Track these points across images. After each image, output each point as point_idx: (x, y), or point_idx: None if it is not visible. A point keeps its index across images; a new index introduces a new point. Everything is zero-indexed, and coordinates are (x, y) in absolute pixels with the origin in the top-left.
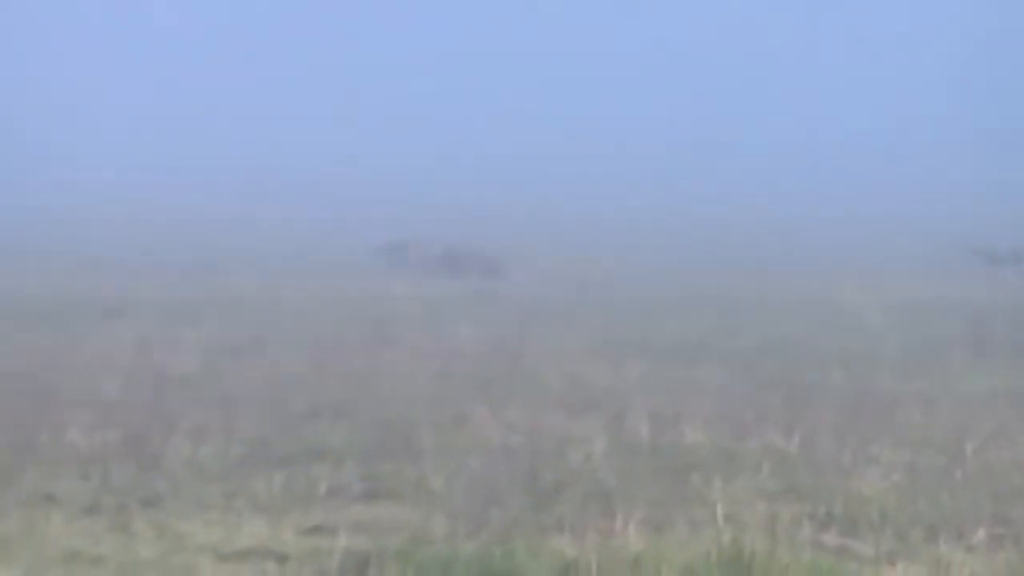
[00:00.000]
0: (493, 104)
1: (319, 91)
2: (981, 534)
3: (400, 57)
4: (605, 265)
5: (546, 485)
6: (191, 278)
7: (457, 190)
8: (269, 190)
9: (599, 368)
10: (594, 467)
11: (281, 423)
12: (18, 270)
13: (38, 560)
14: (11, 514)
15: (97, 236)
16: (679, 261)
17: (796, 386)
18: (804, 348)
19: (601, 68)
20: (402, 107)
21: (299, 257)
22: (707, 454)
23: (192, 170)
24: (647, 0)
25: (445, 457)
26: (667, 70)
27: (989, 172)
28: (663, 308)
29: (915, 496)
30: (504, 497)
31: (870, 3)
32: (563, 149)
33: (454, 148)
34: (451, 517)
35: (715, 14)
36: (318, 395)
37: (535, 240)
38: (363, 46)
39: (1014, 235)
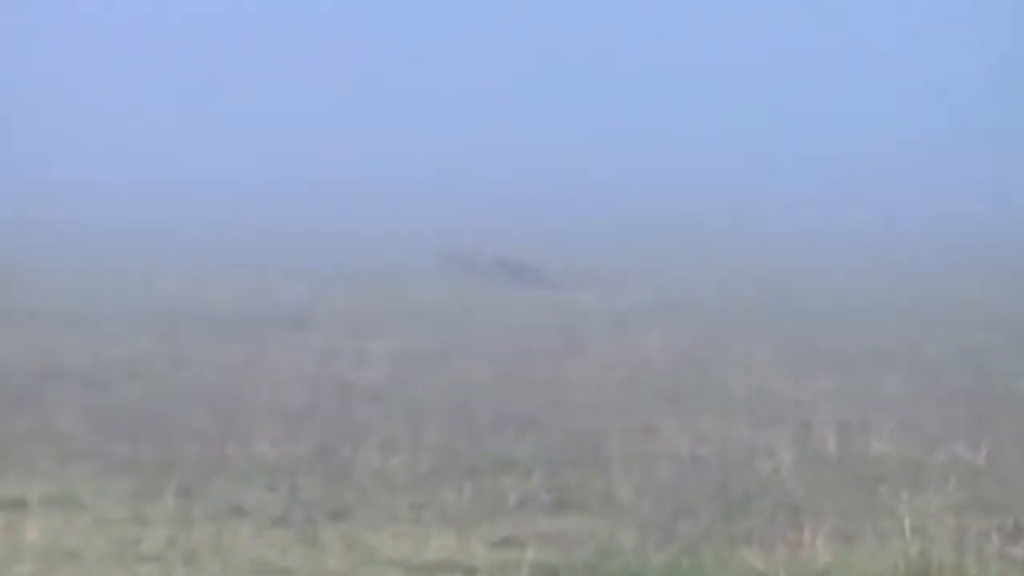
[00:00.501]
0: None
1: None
2: None
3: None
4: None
5: (734, 496)
6: (373, 288)
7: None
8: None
9: (785, 378)
10: (782, 478)
11: (468, 434)
12: (201, 282)
13: (226, 572)
14: (200, 526)
15: (280, 246)
16: (855, 268)
17: (984, 397)
18: (993, 358)
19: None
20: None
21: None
22: (894, 466)
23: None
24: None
25: (633, 468)
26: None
27: None
28: (846, 317)
29: None
30: (692, 508)
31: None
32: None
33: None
34: (639, 528)
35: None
36: (505, 405)
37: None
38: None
39: None
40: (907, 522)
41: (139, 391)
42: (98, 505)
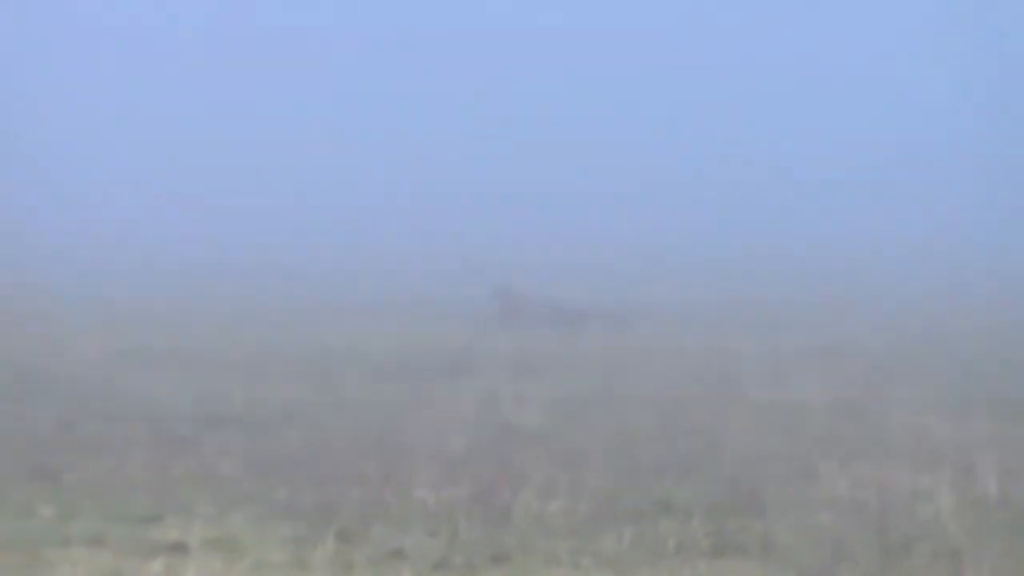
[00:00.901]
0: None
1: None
2: None
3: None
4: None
5: (894, 541)
6: (533, 331)
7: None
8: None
9: (944, 421)
10: (942, 523)
11: (628, 478)
12: (359, 325)
13: None
14: (360, 570)
15: (437, 286)
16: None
17: None
18: None
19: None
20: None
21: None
22: None
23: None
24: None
25: (792, 513)
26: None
27: None
28: (1004, 357)
29: None
30: (852, 553)
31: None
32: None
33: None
34: (799, 574)
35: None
36: (664, 449)
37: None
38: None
39: None
40: None
41: (299, 435)
42: (258, 549)
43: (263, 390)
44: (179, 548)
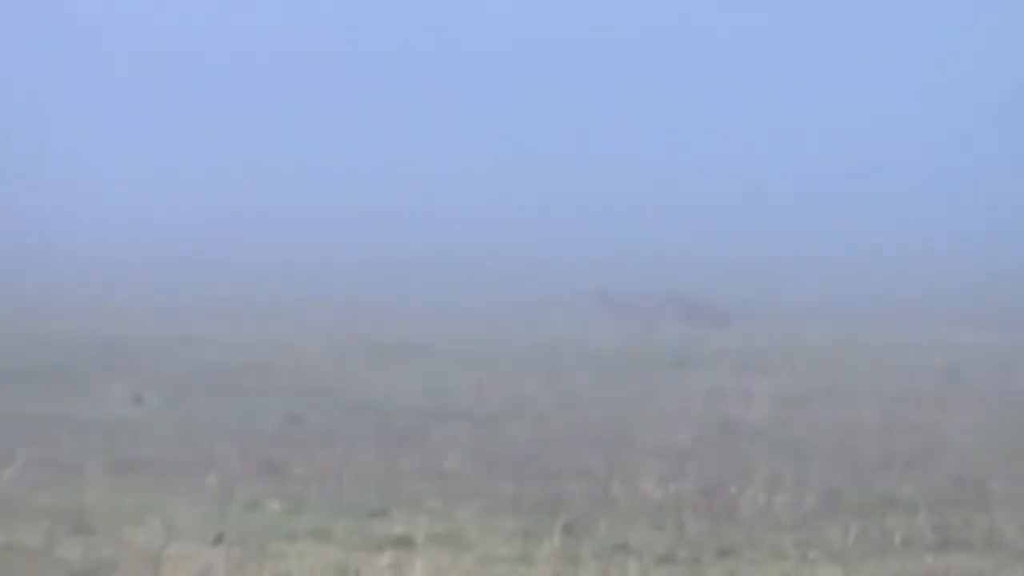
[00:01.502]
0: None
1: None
2: None
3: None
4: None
5: None
6: (761, 326)
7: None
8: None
9: None
10: None
11: (853, 473)
12: (584, 320)
13: None
14: (586, 564)
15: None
16: None
17: None
18: None
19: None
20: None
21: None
22: None
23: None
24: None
25: (1018, 507)
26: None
27: None
28: None
29: None
30: None
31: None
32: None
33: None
34: None
35: None
36: (888, 444)
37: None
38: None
39: None
40: None
41: (525, 429)
42: (484, 544)
43: (490, 384)
44: (405, 542)
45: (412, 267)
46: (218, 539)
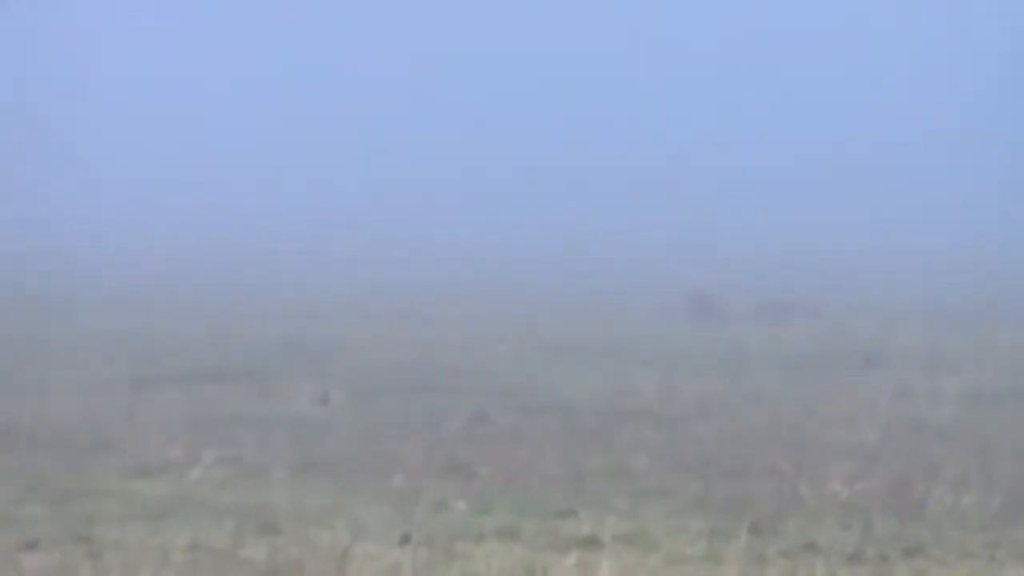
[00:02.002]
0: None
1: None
2: None
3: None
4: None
5: None
6: (950, 326)
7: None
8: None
9: None
10: None
11: None
12: (767, 320)
13: None
14: (773, 564)
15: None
16: None
17: None
18: None
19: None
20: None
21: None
22: None
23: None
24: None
25: None
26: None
27: None
28: None
29: None
30: None
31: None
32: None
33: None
34: None
35: None
36: None
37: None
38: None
39: None
40: None
41: (712, 429)
42: (671, 543)
43: (677, 384)
44: (592, 542)
45: (594, 266)
46: (405, 539)
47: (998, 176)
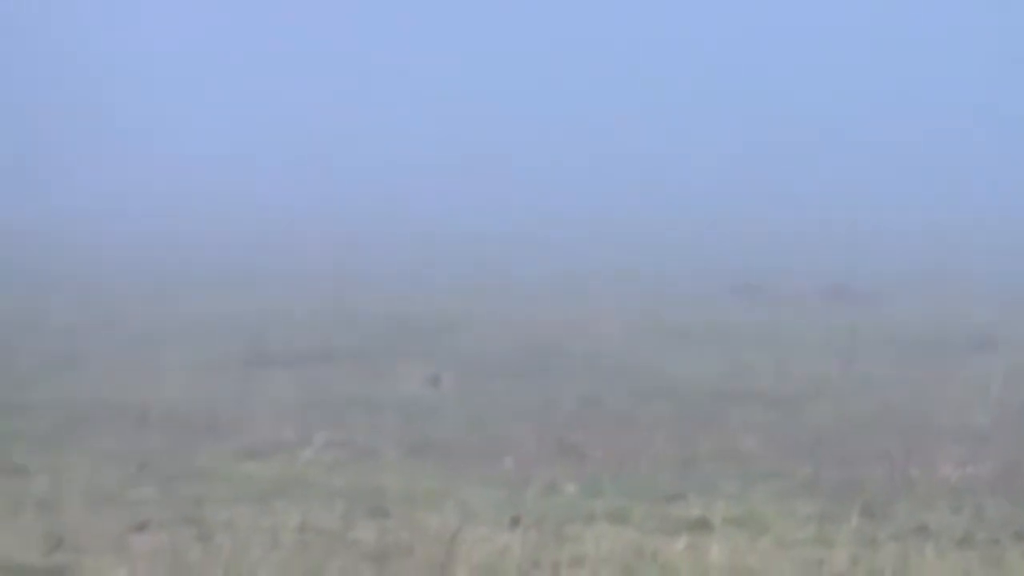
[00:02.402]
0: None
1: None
2: None
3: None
4: None
5: None
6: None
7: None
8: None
9: None
10: None
11: None
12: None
13: None
14: (884, 547)
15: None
16: None
17: None
18: None
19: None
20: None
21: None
22: None
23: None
24: None
25: None
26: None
27: None
28: None
29: None
30: None
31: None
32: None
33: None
34: None
35: None
36: None
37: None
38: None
39: None
40: None
41: (823, 411)
42: (781, 527)
43: (789, 365)
44: (702, 525)
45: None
46: (514, 522)
47: None
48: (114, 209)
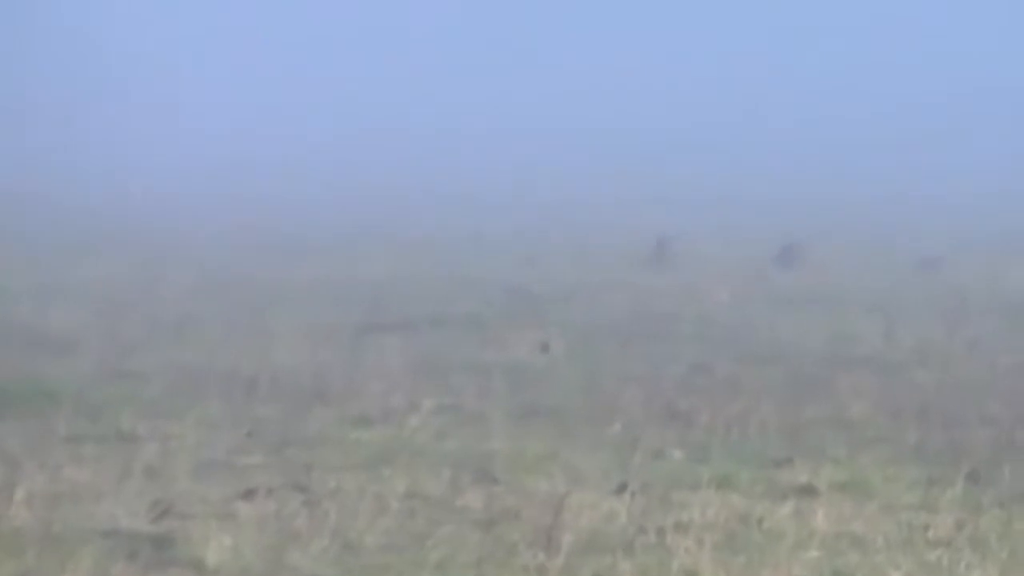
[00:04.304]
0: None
1: None
2: None
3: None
4: None
5: None
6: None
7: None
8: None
9: None
10: None
11: None
12: (993, 267)
13: (1014, 558)
14: (991, 512)
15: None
16: None
17: None
18: None
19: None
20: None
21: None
22: None
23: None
24: None
25: None
26: None
27: None
28: None
29: None
30: None
31: None
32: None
33: None
34: None
35: None
36: None
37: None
38: None
39: None
40: None
41: (931, 376)
42: (887, 492)
43: (898, 330)
44: (808, 491)
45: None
46: (621, 488)
47: None
48: (223, 174)
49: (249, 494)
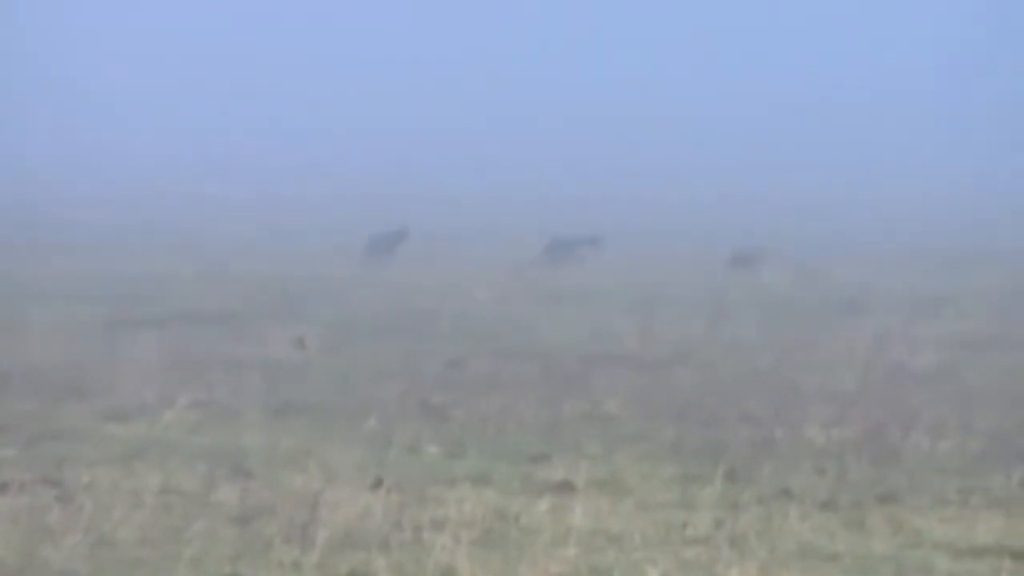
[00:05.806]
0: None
1: None
2: None
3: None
4: None
5: None
6: (927, 271)
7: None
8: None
9: None
10: None
11: (1019, 419)
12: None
13: (773, 556)
14: (747, 509)
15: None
16: None
17: None
18: None
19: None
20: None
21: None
22: None
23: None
24: None
25: None
26: None
27: None
28: None
29: None
30: None
31: None
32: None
33: None
34: None
35: None
36: None
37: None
38: None
39: None
40: None
41: (688, 375)
42: (644, 489)
43: (655, 329)
44: (566, 487)
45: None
46: (377, 483)
47: (981, 124)
48: None
49: (1, 488)
